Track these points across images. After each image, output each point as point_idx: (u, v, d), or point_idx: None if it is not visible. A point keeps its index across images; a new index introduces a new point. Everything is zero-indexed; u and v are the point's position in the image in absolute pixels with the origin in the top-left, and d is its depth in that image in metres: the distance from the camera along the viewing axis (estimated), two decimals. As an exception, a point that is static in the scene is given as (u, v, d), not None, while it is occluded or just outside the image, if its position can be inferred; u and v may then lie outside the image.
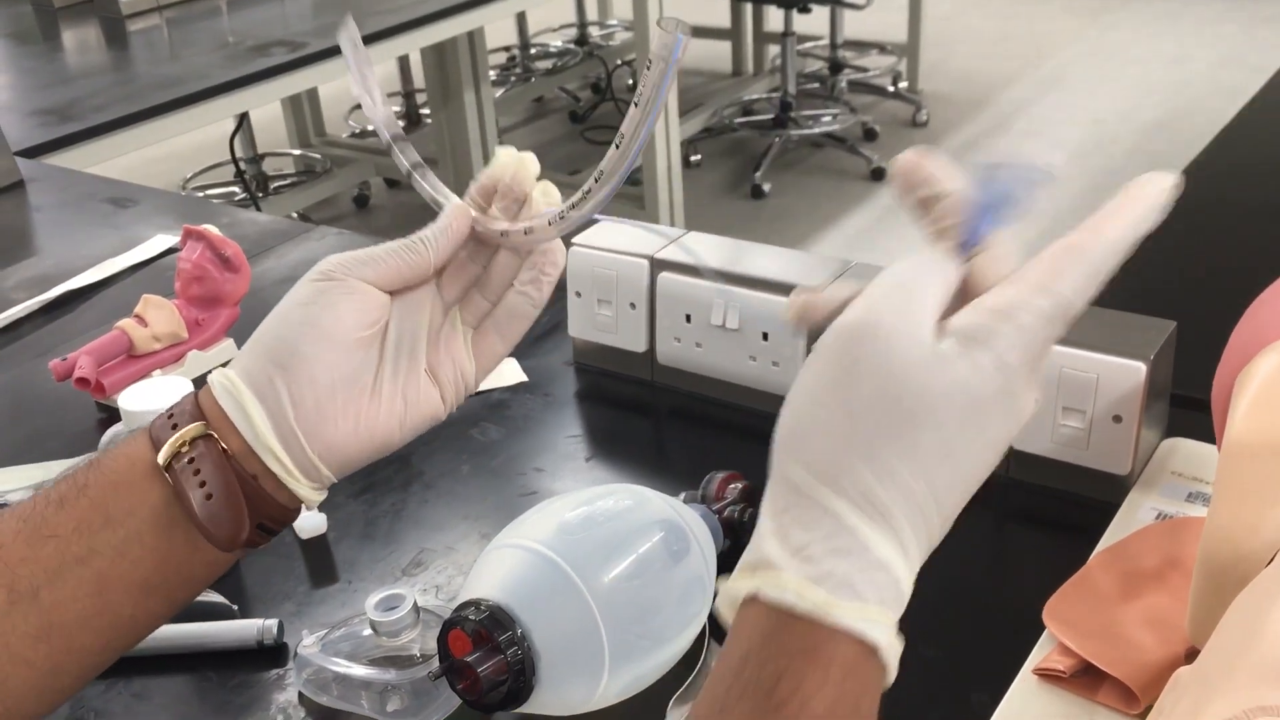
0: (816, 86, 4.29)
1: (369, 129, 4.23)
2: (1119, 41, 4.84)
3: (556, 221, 0.53)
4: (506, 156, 0.56)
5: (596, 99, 4.38)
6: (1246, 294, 0.70)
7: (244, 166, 3.40)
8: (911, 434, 0.40)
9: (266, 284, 1.18)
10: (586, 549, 0.57)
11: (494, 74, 4.17)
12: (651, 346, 0.93)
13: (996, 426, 0.41)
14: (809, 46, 4.44)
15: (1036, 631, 0.66)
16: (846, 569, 0.39)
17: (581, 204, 0.52)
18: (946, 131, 4.06)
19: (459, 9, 2.32)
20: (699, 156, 3.93)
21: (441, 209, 0.56)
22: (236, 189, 3.52)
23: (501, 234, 0.55)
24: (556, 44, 4.79)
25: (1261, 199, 1.26)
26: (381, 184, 3.88)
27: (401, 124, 4.02)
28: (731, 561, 0.43)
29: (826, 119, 4.00)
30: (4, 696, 0.48)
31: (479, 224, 0.55)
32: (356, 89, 0.56)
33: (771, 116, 3.96)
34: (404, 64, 4.11)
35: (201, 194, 3.58)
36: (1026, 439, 0.78)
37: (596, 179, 0.51)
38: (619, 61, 4.47)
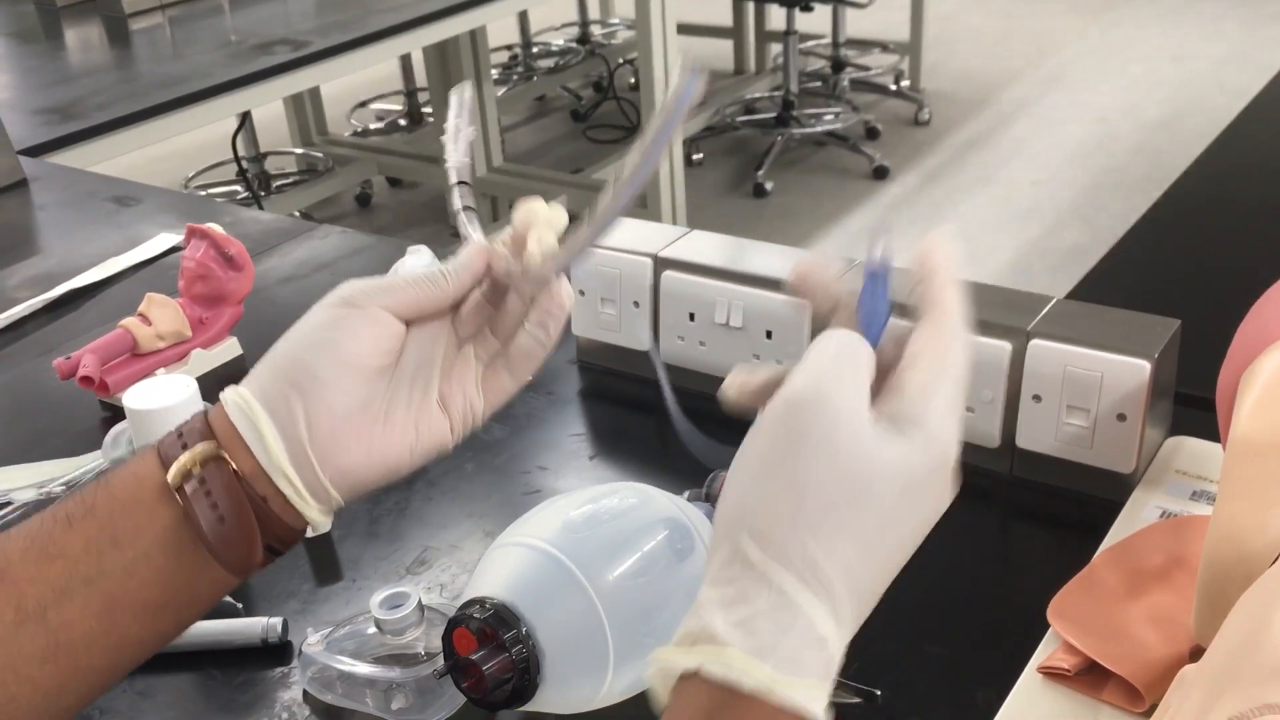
0: (819, 85, 4.29)
1: (371, 127, 4.23)
2: (1121, 39, 4.83)
3: (549, 260, 0.54)
4: (536, 206, 0.56)
5: (598, 98, 4.38)
6: (1250, 292, 0.70)
7: (246, 165, 3.41)
8: (856, 511, 0.41)
9: (270, 283, 1.18)
10: (591, 547, 0.57)
11: (496, 73, 4.17)
12: (655, 345, 0.93)
13: (928, 504, 0.43)
14: (811, 45, 4.44)
15: (1041, 630, 0.66)
16: (791, 645, 0.39)
17: (573, 240, 0.53)
18: (949, 130, 4.06)
19: (461, 8, 2.32)
20: (701, 155, 3.93)
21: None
22: (239, 188, 3.53)
23: (506, 273, 0.55)
24: (558, 43, 4.79)
25: (1265, 197, 1.26)
26: (383, 183, 3.87)
27: (403, 122, 3.97)
28: None
29: (829, 117, 3.99)
30: (10, 716, 0.48)
31: (495, 262, 0.56)
32: (448, 135, 0.59)
33: (774, 115, 3.96)
34: (406, 63, 4.11)
35: (204, 193, 3.58)
36: (1031, 437, 0.78)
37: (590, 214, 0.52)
38: (621, 60, 4.47)
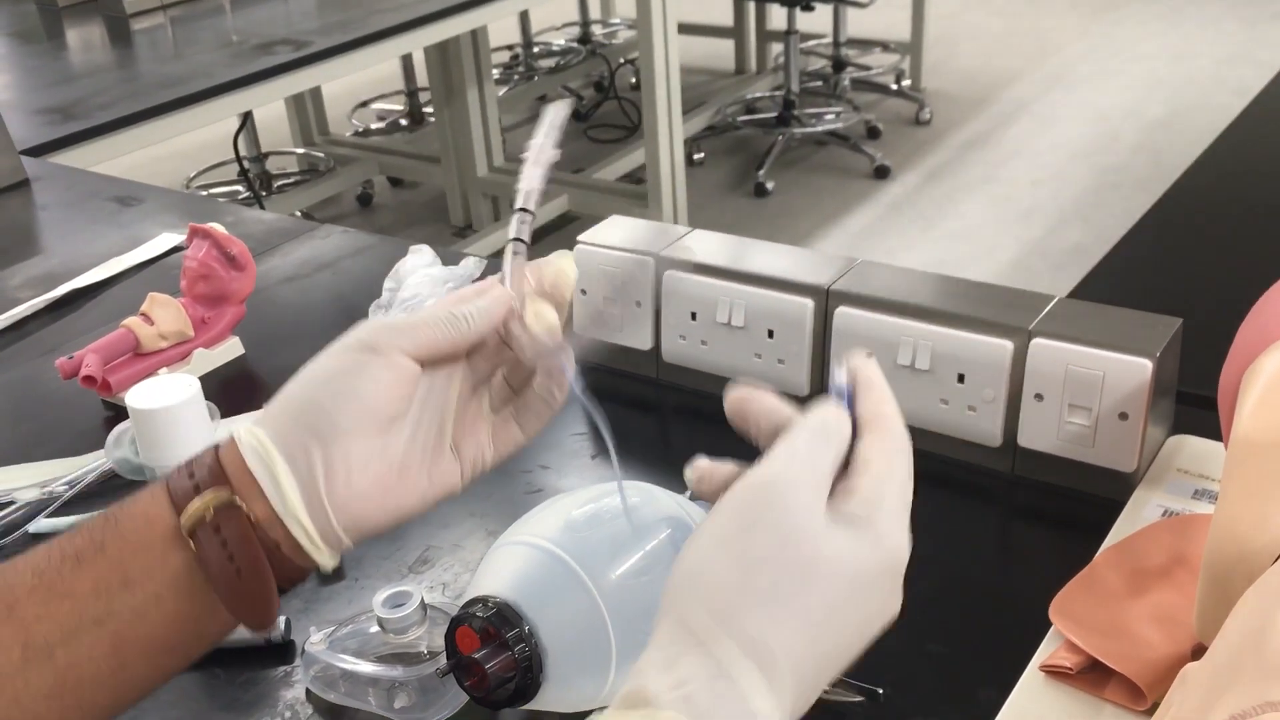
0: (820, 84, 4.29)
1: (372, 127, 4.24)
2: (1123, 38, 4.83)
3: (551, 333, 0.56)
4: (558, 264, 0.56)
5: (599, 97, 4.39)
6: (1252, 291, 0.70)
7: (248, 165, 3.41)
8: (803, 594, 0.42)
9: (272, 282, 1.18)
10: (593, 546, 0.57)
11: (497, 72, 4.18)
12: (657, 344, 0.93)
13: (875, 603, 0.44)
14: (812, 44, 4.44)
15: (1043, 628, 0.66)
16: (724, 715, 0.40)
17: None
18: (950, 129, 4.06)
19: (462, 8, 2.32)
20: (702, 154, 3.93)
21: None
22: (240, 188, 3.53)
23: (514, 336, 0.56)
24: (559, 42, 4.80)
25: (1267, 196, 1.26)
26: (385, 182, 3.88)
27: (405, 122, 3.96)
28: None
29: (830, 117, 4.00)
30: None
31: (510, 320, 0.55)
32: (529, 154, 0.57)
33: (775, 114, 3.96)
34: (407, 63, 4.12)
35: (205, 193, 3.58)
36: (1032, 436, 0.78)
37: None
38: (622, 60, 4.47)
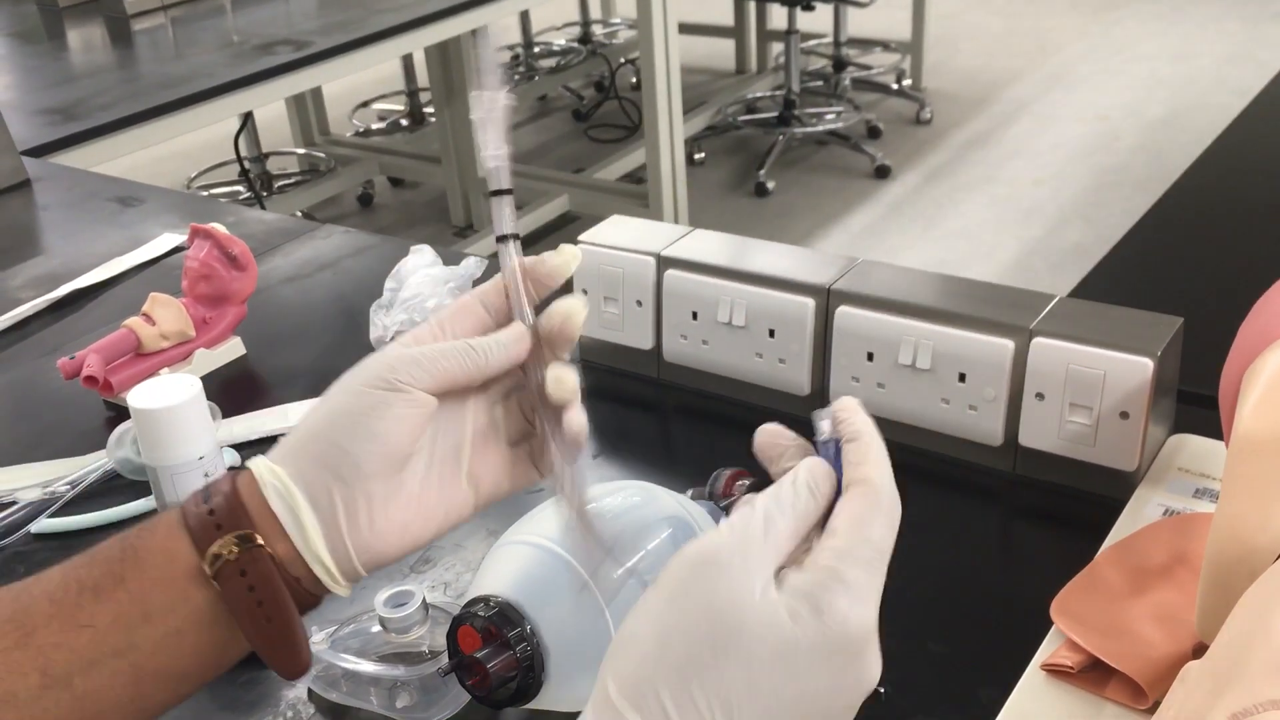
0: (820, 84, 4.29)
1: (373, 127, 4.24)
2: (1123, 38, 4.83)
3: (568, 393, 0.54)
4: (567, 305, 0.55)
5: (600, 97, 4.39)
6: (1253, 290, 0.70)
7: (248, 165, 3.41)
8: (716, 666, 0.40)
9: (273, 282, 1.18)
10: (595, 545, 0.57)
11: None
12: (658, 344, 0.93)
13: (823, 681, 0.41)
14: (813, 44, 4.44)
15: (1044, 627, 0.66)
16: None
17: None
18: (950, 129, 4.06)
19: (462, 8, 2.32)
20: (703, 154, 3.93)
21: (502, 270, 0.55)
22: (241, 188, 3.53)
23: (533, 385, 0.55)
24: (560, 42, 4.80)
25: (1267, 195, 1.26)
26: (385, 182, 3.88)
27: (405, 122, 3.96)
28: None
29: (830, 117, 4.00)
30: None
31: (528, 364, 0.55)
32: (479, 110, 0.55)
33: (775, 114, 3.96)
34: (408, 63, 4.12)
35: (206, 193, 3.58)
36: (1033, 435, 0.78)
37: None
38: (622, 60, 4.47)
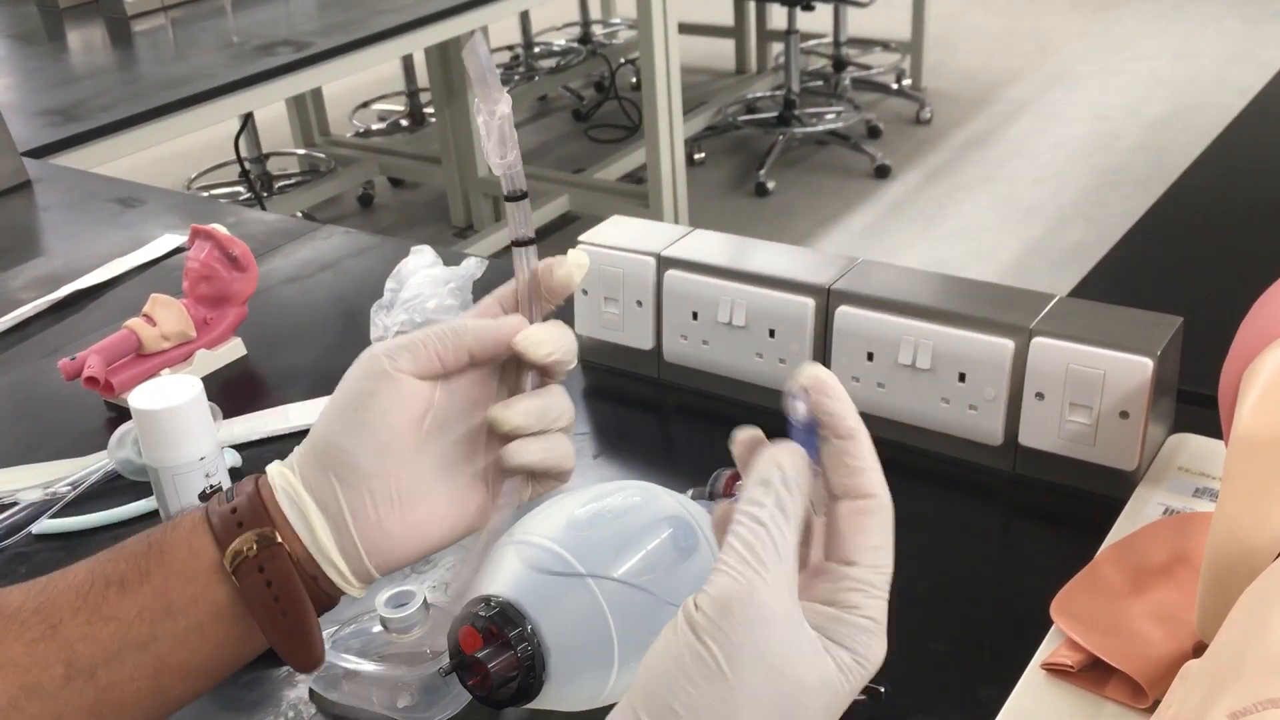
0: (820, 84, 4.30)
1: (373, 128, 4.24)
2: (1123, 37, 4.83)
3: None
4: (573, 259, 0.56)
5: (600, 97, 4.39)
6: (1253, 289, 0.70)
7: (249, 166, 3.41)
8: None
9: (274, 283, 1.18)
10: (596, 545, 0.57)
11: (498, 73, 4.17)
12: (658, 344, 0.93)
13: (845, 707, 0.43)
14: (813, 44, 4.44)
15: (1044, 627, 0.66)
16: None
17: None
18: (950, 129, 4.06)
19: (462, 8, 2.32)
20: (703, 154, 3.93)
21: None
22: (241, 188, 3.53)
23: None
24: (560, 43, 4.80)
25: (1267, 194, 1.26)
26: (385, 183, 3.88)
27: (406, 122, 3.96)
28: None
29: (830, 117, 4.00)
30: None
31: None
32: (482, 114, 0.58)
33: (775, 114, 3.97)
34: (408, 63, 4.12)
35: (207, 194, 3.58)
36: (1033, 435, 0.78)
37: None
38: (622, 60, 4.47)
